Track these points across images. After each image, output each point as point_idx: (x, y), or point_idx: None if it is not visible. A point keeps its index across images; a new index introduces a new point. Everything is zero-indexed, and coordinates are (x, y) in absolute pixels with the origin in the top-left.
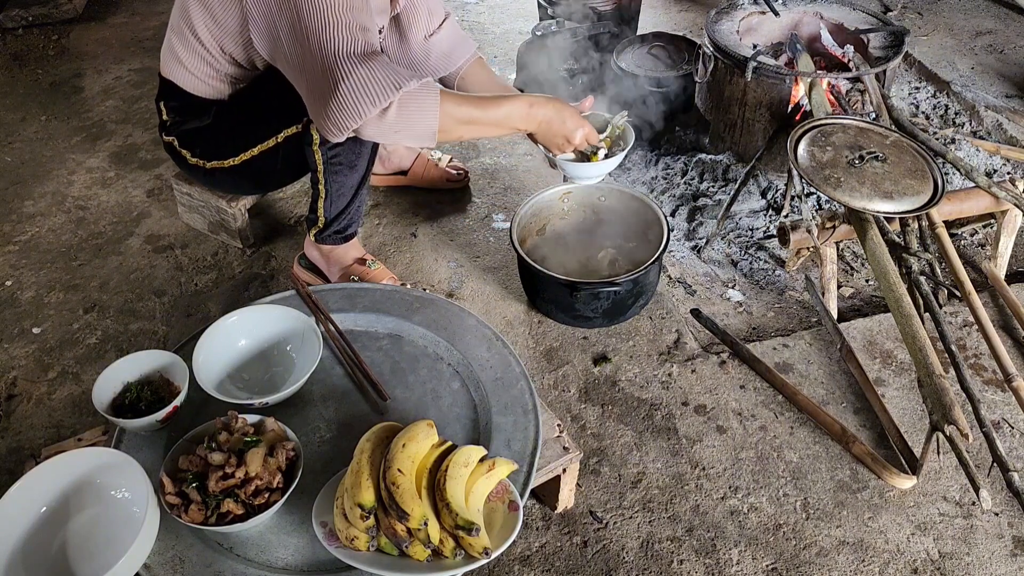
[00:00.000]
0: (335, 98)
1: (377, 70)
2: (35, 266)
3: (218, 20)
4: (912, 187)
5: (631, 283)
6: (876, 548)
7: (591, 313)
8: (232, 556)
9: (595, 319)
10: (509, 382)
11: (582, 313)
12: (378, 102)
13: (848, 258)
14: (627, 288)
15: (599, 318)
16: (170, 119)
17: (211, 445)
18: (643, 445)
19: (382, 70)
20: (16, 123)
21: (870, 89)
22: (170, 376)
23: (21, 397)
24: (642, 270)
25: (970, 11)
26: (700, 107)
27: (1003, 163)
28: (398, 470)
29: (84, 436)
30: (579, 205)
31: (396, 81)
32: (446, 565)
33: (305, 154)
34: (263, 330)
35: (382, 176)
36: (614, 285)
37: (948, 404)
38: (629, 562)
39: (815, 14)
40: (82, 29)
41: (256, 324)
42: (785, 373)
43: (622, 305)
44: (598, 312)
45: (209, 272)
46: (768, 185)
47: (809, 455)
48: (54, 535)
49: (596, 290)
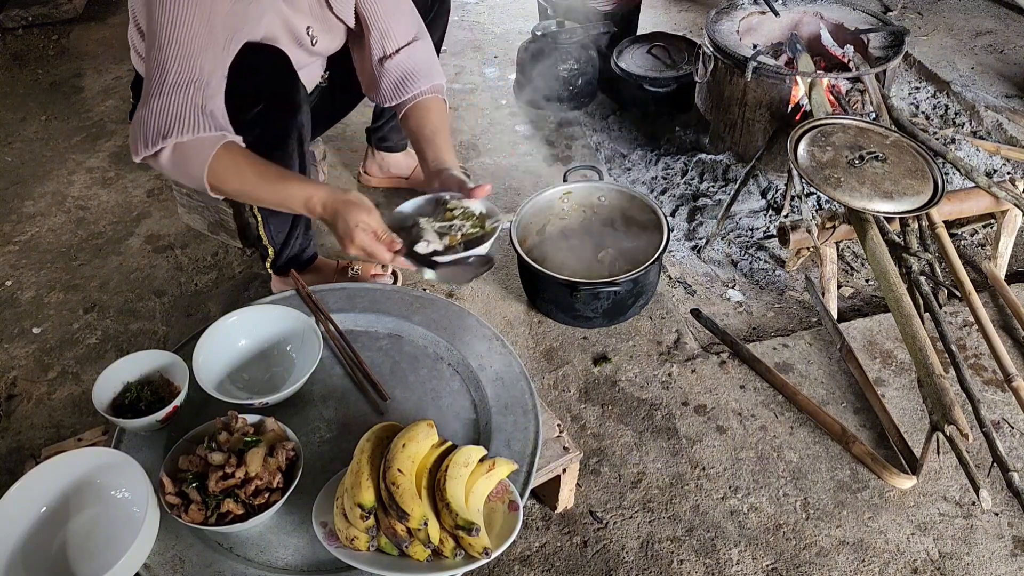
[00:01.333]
0: (133, 119)
1: (165, 109)
2: (35, 266)
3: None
4: (912, 187)
5: (631, 283)
6: (876, 548)
7: (591, 313)
8: (232, 556)
9: (595, 319)
10: (509, 382)
11: (582, 313)
12: (150, 145)
13: (848, 258)
14: (627, 288)
15: (599, 318)
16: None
17: (211, 445)
18: (643, 445)
19: (170, 111)
20: (16, 123)
21: (870, 89)
22: (170, 376)
23: (21, 397)
24: (642, 270)
25: (970, 11)
26: (700, 107)
27: (1003, 163)
28: (398, 470)
29: (84, 436)
30: (579, 205)
31: (166, 129)
32: (446, 565)
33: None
34: (263, 330)
35: (380, 179)
36: (614, 285)
37: (948, 404)
38: (629, 562)
39: (815, 14)
40: (82, 29)
41: (256, 324)
42: (785, 373)
43: (622, 305)
44: (598, 312)
45: (209, 272)
46: (768, 185)
47: (809, 455)
48: (54, 535)
49: (596, 290)
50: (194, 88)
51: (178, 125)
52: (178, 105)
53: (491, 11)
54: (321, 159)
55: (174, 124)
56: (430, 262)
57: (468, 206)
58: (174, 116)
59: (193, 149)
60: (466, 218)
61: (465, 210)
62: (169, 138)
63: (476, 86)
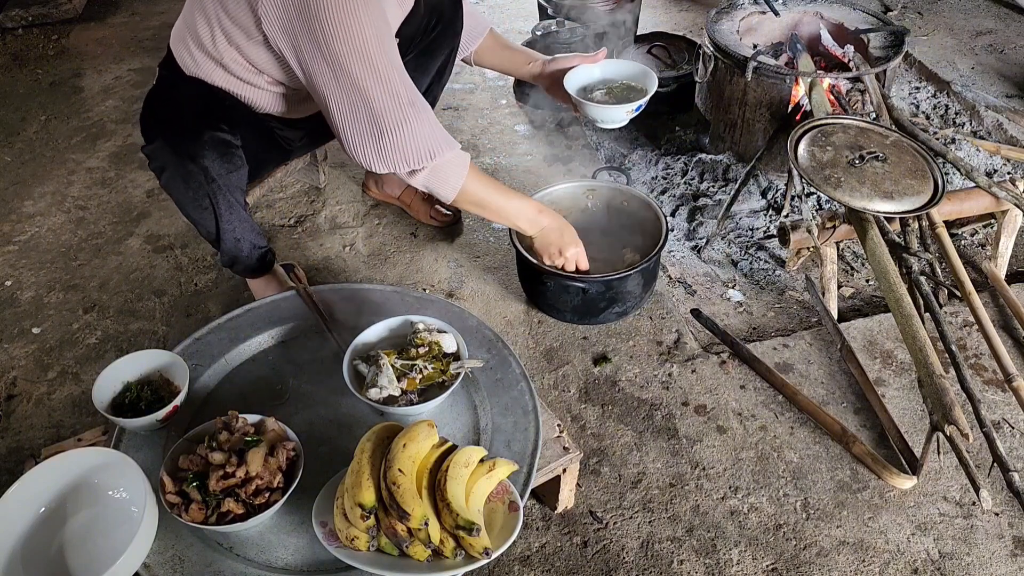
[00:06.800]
0: (381, 146)
1: (419, 133)
2: (35, 266)
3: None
4: (912, 187)
5: (602, 285)
6: (876, 548)
7: (561, 306)
8: (232, 556)
9: (565, 313)
10: (509, 383)
11: (553, 304)
12: (411, 164)
13: (848, 258)
14: (597, 289)
15: (569, 313)
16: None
17: (212, 444)
18: (643, 445)
19: (424, 133)
20: (16, 123)
21: (870, 89)
22: (170, 376)
23: (21, 397)
24: (646, 262)
25: (970, 11)
26: (700, 107)
27: (1003, 163)
28: (399, 470)
29: (84, 436)
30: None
31: (432, 150)
32: (446, 565)
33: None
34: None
35: (376, 193)
36: (581, 282)
37: (948, 404)
38: (629, 562)
39: (815, 14)
40: (82, 29)
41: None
42: (785, 373)
43: (593, 306)
44: (567, 307)
45: (209, 272)
46: (768, 185)
47: (809, 455)
48: (53, 535)
49: (564, 283)
50: (418, 97)
51: (439, 147)
52: (430, 126)
53: (491, 11)
54: (322, 159)
55: (437, 147)
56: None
57: (438, 340)
58: (433, 139)
59: (451, 166)
60: (431, 358)
61: (432, 345)
62: (434, 159)
63: (476, 86)
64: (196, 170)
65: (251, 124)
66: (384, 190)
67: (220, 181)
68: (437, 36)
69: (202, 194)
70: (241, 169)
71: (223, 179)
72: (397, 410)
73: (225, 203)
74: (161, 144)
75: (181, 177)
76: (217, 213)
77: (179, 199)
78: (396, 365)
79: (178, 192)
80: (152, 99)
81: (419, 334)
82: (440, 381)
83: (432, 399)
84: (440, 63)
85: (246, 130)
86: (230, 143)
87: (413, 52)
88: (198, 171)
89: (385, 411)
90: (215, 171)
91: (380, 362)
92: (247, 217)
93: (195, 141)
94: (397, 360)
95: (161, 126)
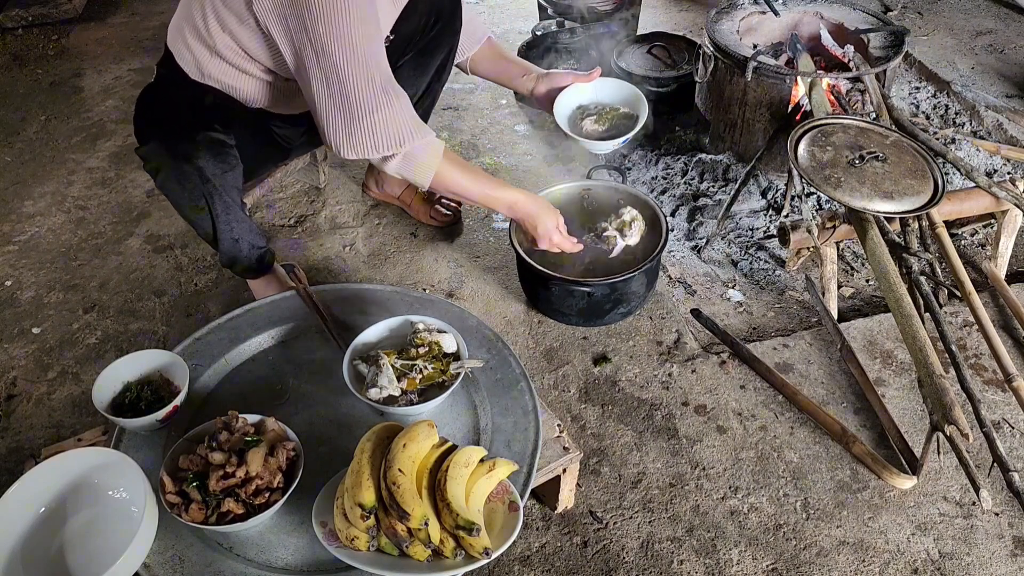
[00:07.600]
0: (351, 130)
1: (390, 120)
2: (35, 266)
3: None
4: (912, 187)
5: (607, 288)
6: (876, 548)
7: (567, 310)
8: (232, 556)
9: (571, 316)
10: (509, 383)
11: (558, 308)
12: (381, 150)
13: (848, 258)
14: (602, 292)
15: (575, 316)
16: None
17: (212, 444)
18: (643, 445)
19: (396, 120)
20: (16, 123)
21: (870, 89)
22: (170, 376)
23: (21, 397)
24: (649, 261)
25: (970, 11)
26: (700, 107)
27: (1003, 163)
28: (399, 470)
29: (84, 436)
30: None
31: (402, 136)
32: (446, 565)
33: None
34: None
35: (376, 193)
36: (586, 286)
37: (948, 404)
38: (629, 562)
39: (815, 14)
40: (82, 29)
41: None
42: (785, 373)
43: (599, 308)
44: (573, 310)
45: (209, 272)
46: (768, 185)
47: (809, 455)
48: (53, 535)
49: (569, 288)
50: (393, 85)
51: (409, 134)
52: (404, 113)
53: (491, 11)
54: (323, 159)
55: (407, 133)
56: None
57: (438, 340)
58: (404, 125)
59: (424, 153)
60: (431, 358)
61: (432, 345)
62: (404, 145)
63: (476, 86)
64: (191, 171)
65: (248, 123)
66: (384, 190)
67: (215, 181)
68: (436, 35)
69: (198, 195)
70: (236, 168)
71: (218, 179)
72: (397, 410)
73: (221, 203)
74: (155, 145)
75: (176, 178)
76: (214, 213)
77: (175, 200)
78: (396, 365)
79: (174, 193)
80: (145, 100)
81: (419, 334)
82: (440, 381)
83: (432, 399)
84: (439, 62)
85: (243, 129)
86: (224, 143)
87: (412, 51)
88: (193, 172)
89: (385, 411)
90: (210, 171)
91: (380, 362)
92: (245, 217)
93: (189, 142)
94: (397, 360)
95: (155, 128)
